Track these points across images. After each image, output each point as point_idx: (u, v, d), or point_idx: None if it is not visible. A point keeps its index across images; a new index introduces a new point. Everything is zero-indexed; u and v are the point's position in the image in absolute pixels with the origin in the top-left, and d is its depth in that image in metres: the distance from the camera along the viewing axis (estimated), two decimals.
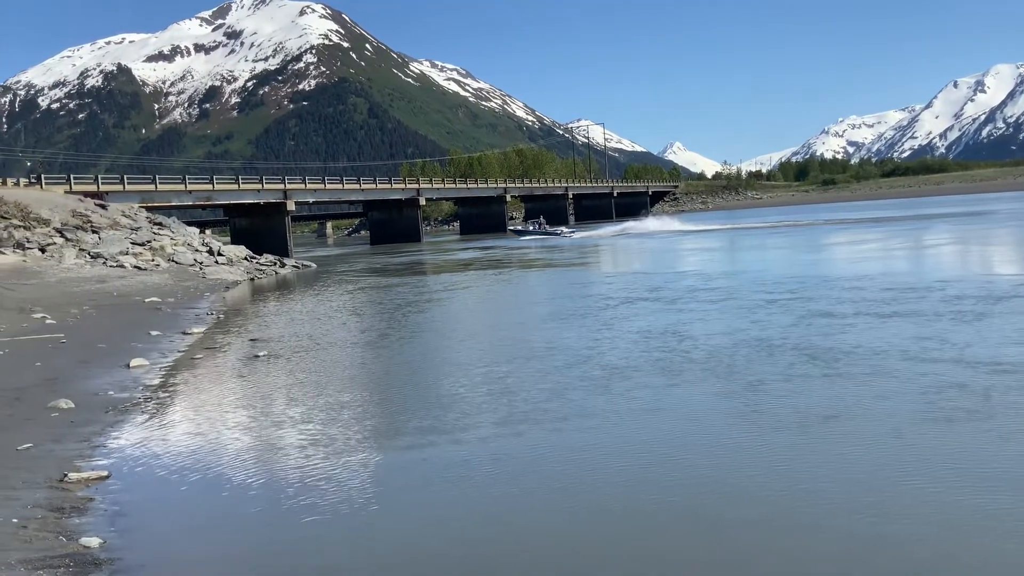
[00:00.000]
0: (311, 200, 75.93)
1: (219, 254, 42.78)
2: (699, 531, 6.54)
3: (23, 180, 54.54)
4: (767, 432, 8.90)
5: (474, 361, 14.11)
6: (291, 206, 67.18)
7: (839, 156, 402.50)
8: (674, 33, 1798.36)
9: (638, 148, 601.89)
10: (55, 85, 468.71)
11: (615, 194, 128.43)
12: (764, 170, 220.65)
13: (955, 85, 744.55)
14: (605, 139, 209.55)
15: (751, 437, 8.78)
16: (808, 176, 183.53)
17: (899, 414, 9.23)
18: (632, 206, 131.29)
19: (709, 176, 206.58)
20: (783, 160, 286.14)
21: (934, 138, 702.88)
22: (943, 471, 7.44)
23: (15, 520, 6.92)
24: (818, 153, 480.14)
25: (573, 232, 68.68)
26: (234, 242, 57.93)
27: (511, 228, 69.36)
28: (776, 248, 40.63)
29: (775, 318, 16.65)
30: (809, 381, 11.04)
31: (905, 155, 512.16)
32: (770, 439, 8.67)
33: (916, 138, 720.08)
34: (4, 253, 34.32)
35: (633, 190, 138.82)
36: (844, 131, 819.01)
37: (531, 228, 69.62)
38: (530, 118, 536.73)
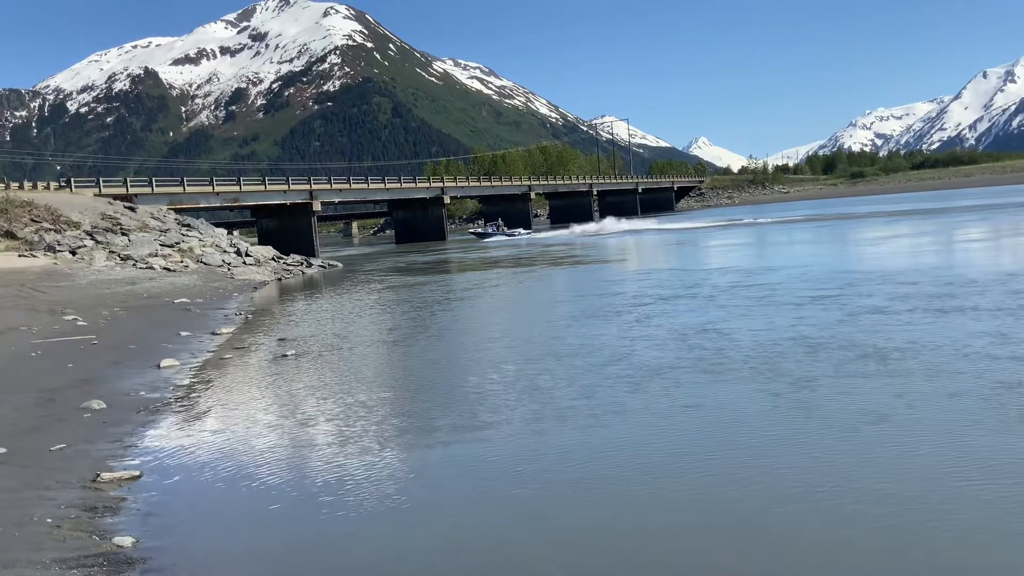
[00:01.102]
0: (337, 200, 76.24)
1: (247, 255, 43.09)
2: (734, 534, 6.45)
3: (53, 184, 55.29)
4: (813, 433, 8.62)
5: (502, 359, 14.09)
6: (317, 206, 67.52)
7: (867, 149, 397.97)
8: (698, 27, 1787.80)
9: (663, 144, 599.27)
10: (83, 89, 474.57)
11: (640, 190, 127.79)
12: (791, 164, 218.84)
13: (984, 75, 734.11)
14: (629, 135, 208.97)
15: (796, 439, 8.53)
16: (836, 169, 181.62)
17: (957, 416, 8.80)
18: (657, 202, 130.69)
19: (735, 171, 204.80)
20: (810, 153, 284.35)
21: (963, 129, 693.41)
22: (1004, 480, 7.00)
23: (49, 520, 7.00)
24: (846, 146, 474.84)
25: (530, 233, 72.54)
26: (261, 243, 58.33)
27: (471, 231, 72.00)
28: (814, 243, 40.25)
29: (821, 314, 16.14)
30: (860, 380, 10.59)
31: (934, 147, 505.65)
32: (815, 441, 8.40)
33: (945, 130, 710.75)
34: (35, 256, 34.79)
35: (658, 186, 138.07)
36: (872, 123, 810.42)
37: (490, 231, 72.69)
38: (554, 115, 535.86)
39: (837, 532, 6.26)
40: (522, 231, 74.26)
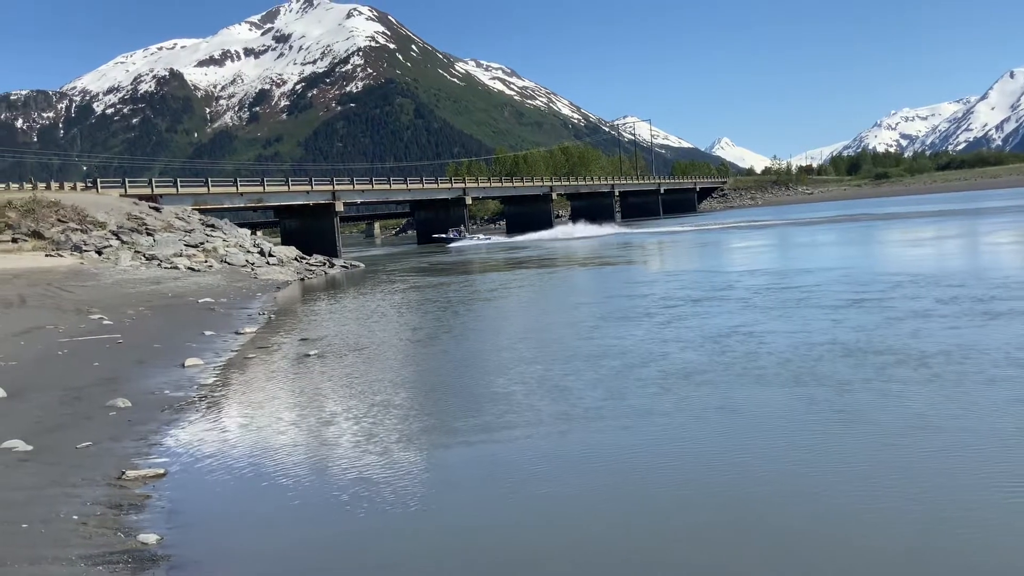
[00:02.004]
0: (359, 201, 76.62)
1: (270, 255, 43.38)
2: (763, 541, 6.39)
3: (80, 184, 55.94)
4: (850, 440, 8.36)
5: (525, 360, 14.08)
6: (339, 207, 67.86)
7: (892, 150, 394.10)
8: (721, 27, 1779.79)
9: (685, 144, 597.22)
10: (109, 91, 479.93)
11: (662, 191, 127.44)
12: (815, 165, 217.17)
13: (1012, 75, 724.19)
14: (652, 136, 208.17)
15: (832, 445, 8.27)
16: (860, 170, 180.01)
17: (1004, 425, 8.44)
18: (680, 203, 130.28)
19: (758, 172, 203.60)
20: (834, 154, 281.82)
21: (990, 130, 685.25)
22: None
23: (75, 517, 7.07)
24: (870, 147, 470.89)
25: (489, 238, 75.60)
26: (284, 243, 58.71)
27: (435, 236, 74.68)
28: (846, 244, 39.94)
29: (861, 318, 15.59)
30: (902, 386, 10.25)
31: (960, 148, 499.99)
32: (853, 448, 8.11)
33: (971, 130, 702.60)
34: (62, 255, 35.19)
35: (680, 187, 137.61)
36: (897, 124, 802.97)
37: (452, 236, 75.32)
38: (576, 116, 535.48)
39: (872, 542, 6.17)
40: (481, 236, 77.84)
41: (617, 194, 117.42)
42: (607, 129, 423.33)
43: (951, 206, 68.21)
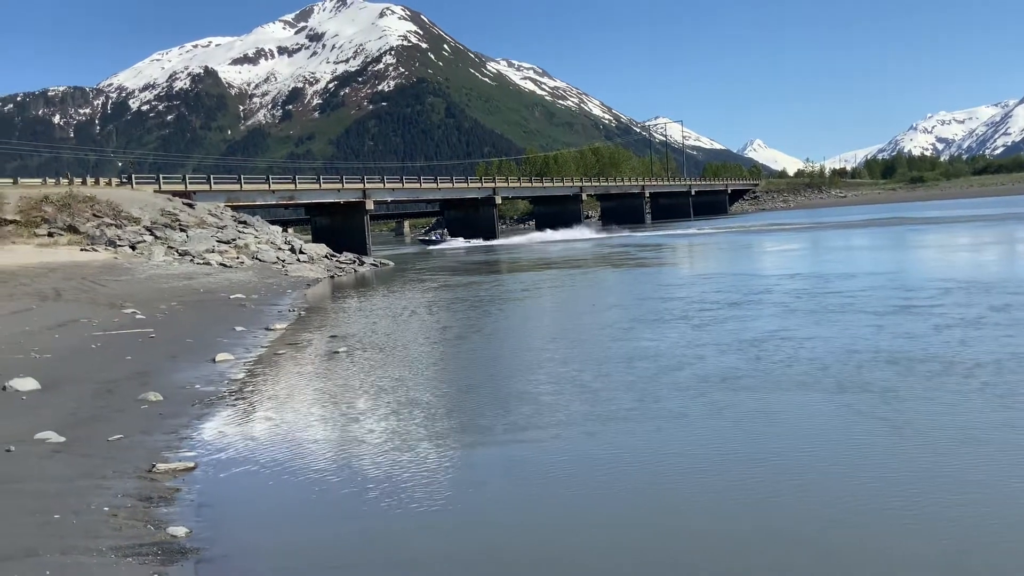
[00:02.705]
0: (389, 199, 76.85)
1: (300, 252, 43.66)
2: (796, 552, 6.33)
3: (115, 180, 56.64)
4: (890, 449, 8.20)
5: (556, 361, 14.05)
6: (370, 205, 68.14)
7: (928, 153, 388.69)
8: (755, 27, 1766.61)
9: (717, 146, 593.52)
10: (145, 88, 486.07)
11: (693, 192, 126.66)
12: (849, 168, 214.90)
13: None
14: (683, 137, 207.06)
15: (872, 455, 8.08)
16: (895, 174, 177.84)
17: None
18: (710, 205, 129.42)
19: (791, 174, 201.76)
20: (869, 157, 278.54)
21: None
22: None
23: (106, 508, 7.14)
24: (906, 150, 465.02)
25: (468, 242, 77.42)
26: (315, 240, 59.06)
27: (418, 238, 76.71)
28: (886, 249, 39.46)
29: (909, 325, 15.07)
30: (950, 395, 9.98)
31: (998, 152, 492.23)
32: (894, 458, 7.94)
33: (1010, 134, 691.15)
34: (97, 250, 35.67)
35: (711, 188, 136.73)
36: (933, 127, 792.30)
37: (434, 238, 79.96)
38: (607, 116, 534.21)
39: (912, 551, 6.07)
40: (461, 240, 79.06)
41: (647, 195, 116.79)
42: (638, 130, 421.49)
43: (990, 211, 67.13)
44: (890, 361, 12.09)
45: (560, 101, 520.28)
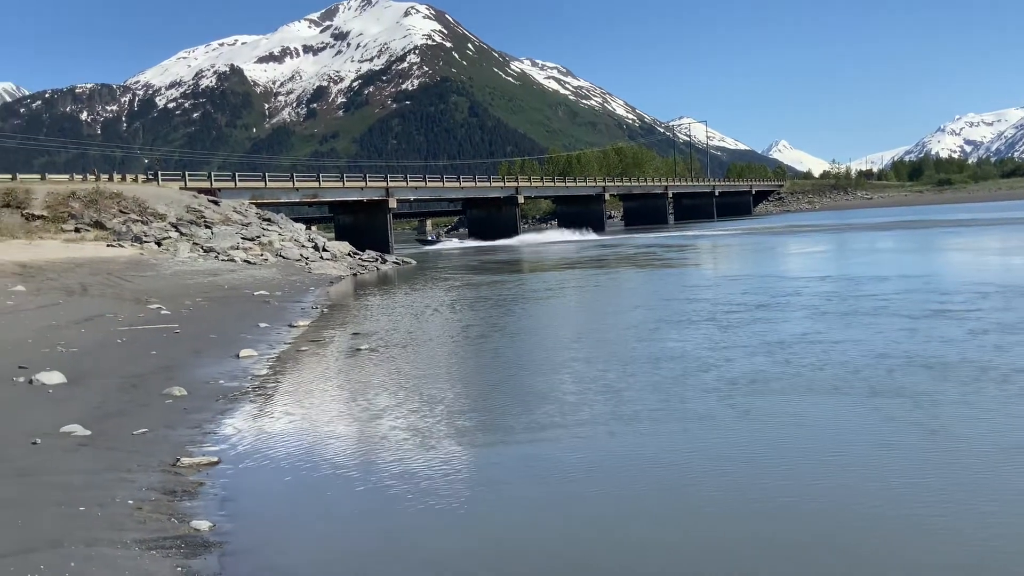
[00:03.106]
0: (412, 198, 77.11)
1: (324, 250, 43.86)
2: (820, 559, 6.25)
3: (141, 176, 57.17)
4: (923, 456, 7.99)
5: (578, 361, 14.01)
6: (393, 203, 68.38)
7: (955, 155, 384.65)
8: (780, 26, 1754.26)
9: (741, 146, 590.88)
10: (171, 85, 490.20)
11: (717, 193, 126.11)
12: (875, 169, 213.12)
13: None
14: (707, 137, 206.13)
15: (904, 461, 7.85)
16: (922, 176, 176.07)
17: None
18: (734, 206, 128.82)
19: (816, 175, 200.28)
20: (896, 159, 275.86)
21: None
22: None
23: (131, 501, 7.19)
24: (933, 152, 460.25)
25: (462, 242, 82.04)
26: (338, 238, 59.31)
27: (416, 238, 79.22)
28: (918, 251, 39.07)
29: (946, 330, 14.58)
30: (985, 401, 9.71)
31: None
32: (927, 465, 7.74)
33: None
34: (123, 246, 36.00)
35: (735, 189, 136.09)
36: (961, 129, 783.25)
37: (431, 238, 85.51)
38: (630, 116, 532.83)
39: (943, 560, 5.98)
40: (456, 240, 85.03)
41: (671, 196, 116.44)
42: (662, 130, 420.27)
43: (1021, 214, 66.25)
44: (925, 366, 11.82)
45: (583, 101, 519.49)
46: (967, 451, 8.07)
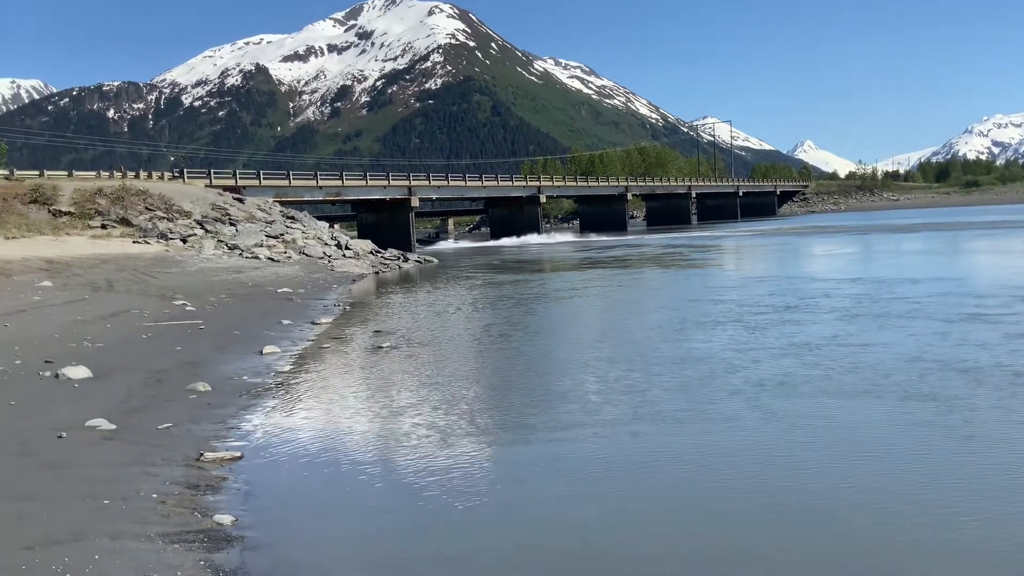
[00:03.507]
0: (434, 196, 77.25)
1: (346, 248, 44.04)
2: (846, 567, 6.20)
3: (167, 174, 57.66)
4: (956, 462, 7.84)
5: (601, 360, 13.97)
6: (415, 202, 68.52)
7: (983, 157, 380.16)
8: (805, 25, 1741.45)
9: (766, 146, 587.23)
10: (197, 84, 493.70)
11: (741, 193, 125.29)
12: (902, 170, 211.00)
13: None
14: (732, 137, 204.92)
15: (938, 468, 7.70)
16: (949, 177, 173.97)
17: None
18: (759, 206, 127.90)
19: (842, 176, 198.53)
20: (922, 160, 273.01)
21: None
22: None
23: (155, 495, 7.25)
24: (960, 153, 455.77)
25: (457, 243, 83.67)
26: (360, 236, 59.57)
27: (416, 238, 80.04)
28: (950, 254, 38.66)
29: (980, 333, 14.23)
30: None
31: None
32: (961, 470, 7.60)
33: None
34: (149, 242, 36.32)
35: (760, 189, 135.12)
36: (989, 131, 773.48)
37: (428, 237, 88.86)
38: (654, 115, 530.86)
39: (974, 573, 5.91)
40: (451, 241, 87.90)
41: (694, 196, 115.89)
42: (686, 130, 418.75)
43: None
44: (959, 370, 11.56)
45: (607, 100, 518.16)
46: (1002, 457, 7.94)
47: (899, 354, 12.96)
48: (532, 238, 76.45)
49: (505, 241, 75.26)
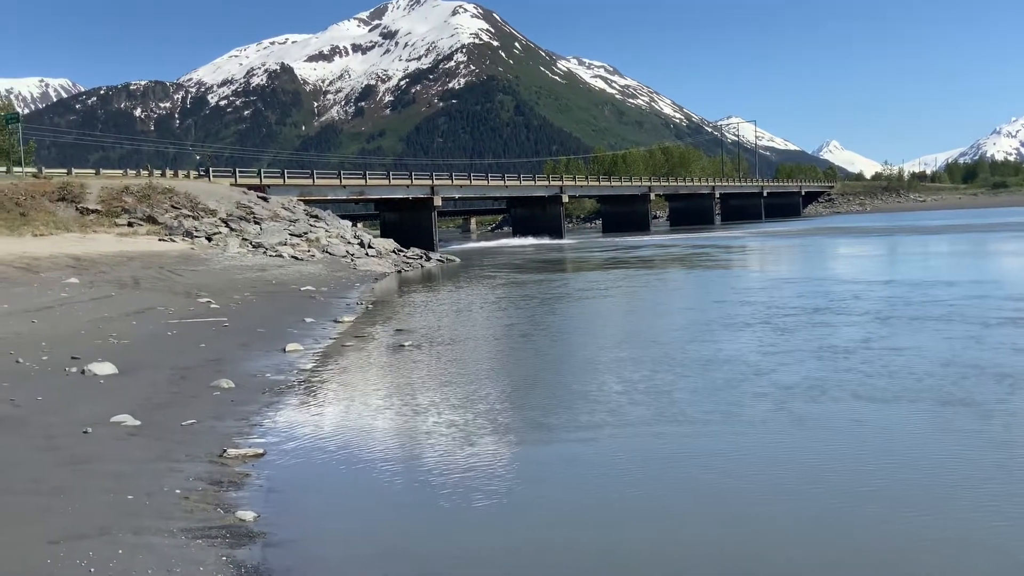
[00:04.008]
0: (457, 196, 77.36)
1: (369, 247, 44.19)
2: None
3: (193, 172, 58.14)
4: (996, 473, 7.55)
5: (623, 361, 13.92)
6: (438, 201, 68.64)
7: (1011, 158, 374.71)
8: (832, 24, 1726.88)
9: (791, 147, 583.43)
10: (223, 83, 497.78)
11: (765, 194, 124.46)
12: (928, 171, 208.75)
13: None
14: (756, 137, 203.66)
15: (975, 480, 7.42)
16: (977, 178, 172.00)
17: None
18: (783, 207, 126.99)
19: (868, 177, 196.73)
20: (950, 161, 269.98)
21: None
22: None
23: (178, 491, 7.29)
24: (988, 154, 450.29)
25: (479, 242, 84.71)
26: (383, 235, 59.80)
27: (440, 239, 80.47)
28: (984, 256, 38.22)
29: (1020, 338, 14.04)
30: None
31: None
32: (998, 481, 7.34)
33: None
34: (174, 240, 36.63)
35: (784, 190, 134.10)
36: (1017, 131, 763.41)
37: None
38: (677, 115, 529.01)
39: None
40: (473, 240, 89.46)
41: (718, 196, 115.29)
42: (710, 129, 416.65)
43: None
44: (999, 375, 11.24)
45: (630, 100, 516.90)
46: None
47: (934, 358, 12.66)
48: (549, 240, 77.12)
49: (527, 240, 75.44)
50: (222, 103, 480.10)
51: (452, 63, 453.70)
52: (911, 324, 16.16)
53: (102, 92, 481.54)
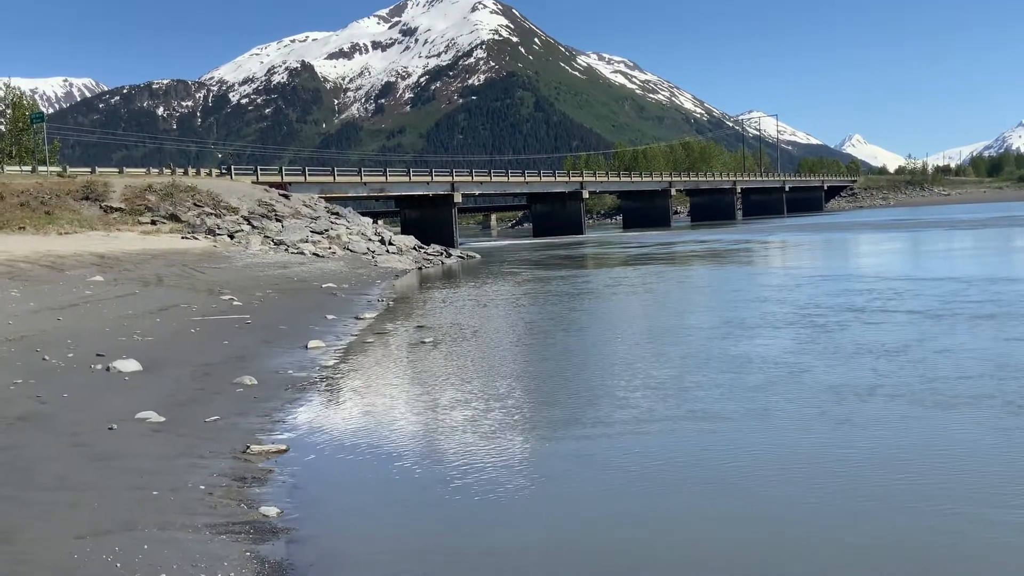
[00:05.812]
0: (477, 192, 77.38)
1: (390, 243, 44.30)
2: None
3: (215, 170, 58.49)
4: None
5: (646, 359, 13.88)
6: (458, 198, 68.70)
7: None
8: (854, 16, 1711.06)
9: (813, 141, 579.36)
10: (244, 81, 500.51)
11: (787, 188, 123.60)
12: (953, 165, 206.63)
13: None
14: (778, 131, 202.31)
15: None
16: (1002, 171, 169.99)
17: None
18: (805, 201, 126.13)
19: (891, 171, 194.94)
20: (974, 154, 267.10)
21: None
22: None
23: (202, 487, 7.35)
24: (1014, 147, 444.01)
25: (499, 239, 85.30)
26: (404, 232, 59.87)
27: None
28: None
29: None
30: None
31: None
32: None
33: None
34: (197, 238, 36.90)
35: (806, 184, 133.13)
36: None
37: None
38: (698, 110, 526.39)
39: None
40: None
41: (739, 191, 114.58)
42: (731, 124, 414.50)
43: None
44: None
45: (651, 95, 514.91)
46: None
47: (981, 358, 12.17)
48: (566, 237, 76.92)
49: (547, 239, 75.30)
50: (243, 101, 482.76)
51: (471, 59, 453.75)
52: (963, 323, 15.31)
53: (125, 91, 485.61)
